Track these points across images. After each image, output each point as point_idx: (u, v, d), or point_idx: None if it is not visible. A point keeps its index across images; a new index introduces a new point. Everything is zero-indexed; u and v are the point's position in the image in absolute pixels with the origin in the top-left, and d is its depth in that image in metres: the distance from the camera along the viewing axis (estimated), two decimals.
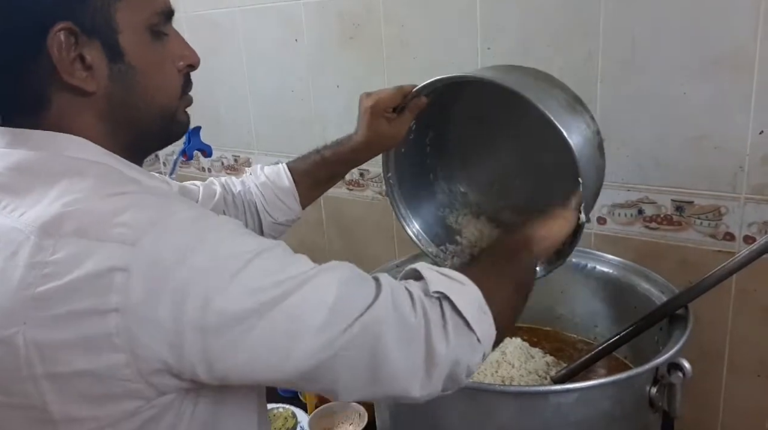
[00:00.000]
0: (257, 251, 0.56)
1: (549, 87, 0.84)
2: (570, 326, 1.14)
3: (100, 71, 0.60)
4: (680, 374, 0.77)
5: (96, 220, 0.54)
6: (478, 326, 0.61)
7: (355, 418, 1.22)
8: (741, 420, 1.11)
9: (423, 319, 0.59)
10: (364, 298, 0.58)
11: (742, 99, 0.98)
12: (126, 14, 0.60)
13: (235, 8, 1.58)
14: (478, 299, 0.62)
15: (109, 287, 0.51)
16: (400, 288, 0.61)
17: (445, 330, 0.60)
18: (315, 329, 0.55)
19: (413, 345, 0.59)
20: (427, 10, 1.27)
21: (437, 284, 0.62)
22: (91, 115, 0.62)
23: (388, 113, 0.90)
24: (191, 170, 1.87)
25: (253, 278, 0.54)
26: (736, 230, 1.03)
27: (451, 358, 0.60)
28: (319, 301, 0.56)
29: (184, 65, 0.68)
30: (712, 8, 0.97)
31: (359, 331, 0.56)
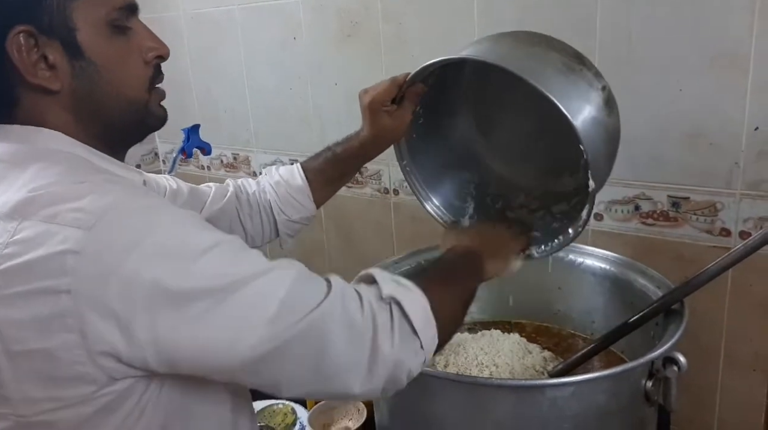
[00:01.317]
0: (213, 242, 0.57)
1: (544, 51, 0.80)
2: (567, 322, 1.14)
3: (62, 70, 0.62)
4: (675, 368, 0.77)
5: (57, 204, 0.56)
6: (423, 333, 0.64)
7: (354, 414, 1.22)
8: (737, 414, 1.12)
9: (371, 319, 0.62)
10: (314, 295, 0.60)
11: (737, 96, 0.98)
12: (83, 12, 0.62)
13: (233, 6, 1.58)
14: (425, 308, 0.65)
15: (61, 268, 0.53)
16: (350, 289, 0.64)
17: (392, 332, 0.62)
18: (264, 320, 0.56)
19: (358, 343, 0.61)
20: (424, 8, 1.28)
21: (389, 289, 0.64)
22: (60, 111, 0.64)
23: (387, 107, 0.90)
24: (190, 168, 1.88)
25: (207, 266, 0.56)
26: (732, 225, 1.04)
27: (394, 359, 0.62)
28: (271, 294, 0.57)
29: (152, 57, 0.69)
30: (708, 6, 0.98)
31: (307, 326, 0.58)
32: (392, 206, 1.47)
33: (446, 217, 1.02)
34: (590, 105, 0.77)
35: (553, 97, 0.72)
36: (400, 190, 1.44)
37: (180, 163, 1.76)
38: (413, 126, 0.94)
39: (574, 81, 0.78)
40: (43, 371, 0.56)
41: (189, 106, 1.78)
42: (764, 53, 0.95)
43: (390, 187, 1.46)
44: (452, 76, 0.94)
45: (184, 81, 1.77)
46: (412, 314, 0.63)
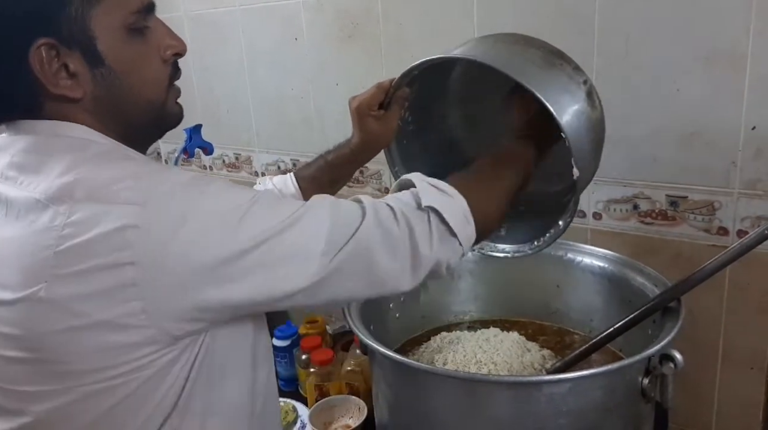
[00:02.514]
0: (252, 199, 0.63)
1: (523, 49, 0.83)
2: (566, 320, 1.15)
3: (83, 78, 0.64)
4: (672, 365, 0.78)
5: (107, 185, 0.59)
6: (462, 233, 0.71)
7: (354, 411, 1.23)
8: (735, 412, 1.13)
9: (407, 228, 0.68)
10: (352, 221, 0.66)
11: (734, 95, 0.99)
12: (101, 20, 0.63)
13: (235, 7, 1.59)
14: (463, 210, 0.72)
15: (122, 243, 0.57)
16: (382, 205, 0.70)
17: (430, 237, 0.69)
18: (316, 254, 0.63)
19: (399, 251, 0.68)
20: (424, 9, 1.28)
21: (428, 197, 0.70)
22: (83, 114, 0.66)
23: (374, 112, 0.92)
24: (193, 168, 1.89)
25: (254, 219, 0.61)
26: (730, 224, 1.05)
27: (434, 259, 0.70)
28: (316, 231, 0.64)
29: (170, 54, 0.70)
30: (704, 5, 0.98)
31: (353, 248, 0.65)
32: None
33: None
34: (571, 96, 0.79)
35: (532, 88, 0.73)
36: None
37: (182, 163, 1.77)
38: (403, 131, 0.96)
39: (554, 75, 0.80)
40: (107, 341, 0.59)
41: (191, 106, 1.79)
42: (761, 52, 0.96)
43: (390, 187, 1.46)
44: (438, 81, 0.95)
45: (186, 81, 1.75)
46: (450, 219, 0.70)
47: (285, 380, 1.38)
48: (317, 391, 1.26)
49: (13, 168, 0.64)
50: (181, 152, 1.43)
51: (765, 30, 0.94)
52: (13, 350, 0.60)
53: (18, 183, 0.62)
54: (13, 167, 0.64)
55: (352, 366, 1.25)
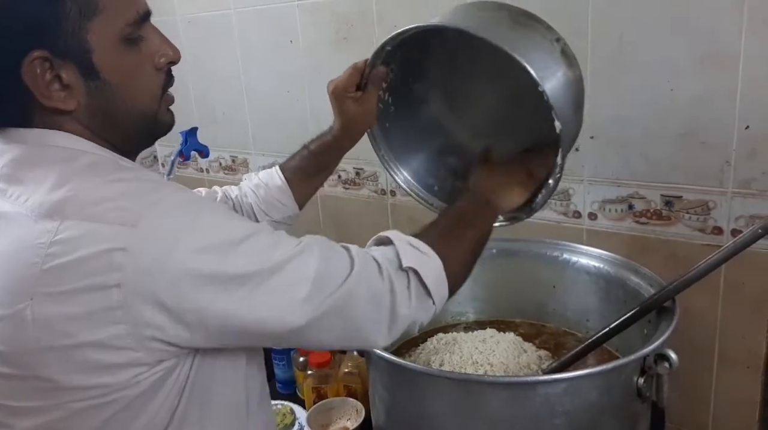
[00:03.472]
0: (249, 232, 0.62)
1: (493, 12, 0.83)
2: (562, 321, 1.15)
3: (77, 90, 0.63)
4: (667, 365, 0.78)
5: (95, 204, 0.58)
6: (437, 294, 0.72)
7: (352, 413, 1.23)
8: (732, 411, 1.13)
9: (389, 286, 0.69)
10: (340, 271, 0.66)
11: (728, 95, 0.99)
12: (98, 33, 0.62)
13: (230, 10, 1.60)
14: (439, 271, 0.73)
15: (110, 265, 0.56)
16: (370, 260, 0.69)
17: (409, 297, 0.70)
18: (300, 299, 0.63)
19: (379, 308, 0.68)
20: (418, 11, 1.29)
21: (408, 257, 0.71)
22: (75, 124, 0.65)
23: (352, 93, 0.91)
24: (189, 171, 1.89)
25: (245, 255, 0.61)
26: (724, 223, 1.05)
27: (410, 318, 0.71)
28: (303, 275, 0.64)
29: (164, 63, 0.69)
30: (697, 5, 0.99)
31: (336, 300, 0.65)
32: (389, 208, 1.48)
33: (437, 203, 1.02)
34: (545, 53, 0.79)
35: (505, 46, 0.73)
36: (397, 191, 1.45)
37: (179, 167, 1.78)
38: (385, 114, 0.95)
39: (526, 34, 0.80)
40: (94, 361, 0.58)
41: (187, 109, 1.79)
42: (754, 52, 0.96)
43: (387, 189, 1.47)
44: (416, 61, 0.94)
45: (181, 85, 1.77)
46: (428, 280, 0.71)
47: (283, 383, 1.38)
48: (315, 393, 1.26)
49: (2, 180, 0.63)
50: (177, 155, 1.43)
51: (757, 30, 0.95)
52: (0, 366, 0.60)
53: (7, 196, 0.61)
54: (2, 179, 0.62)
55: (349, 368, 1.25)
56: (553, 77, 0.77)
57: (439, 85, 1.02)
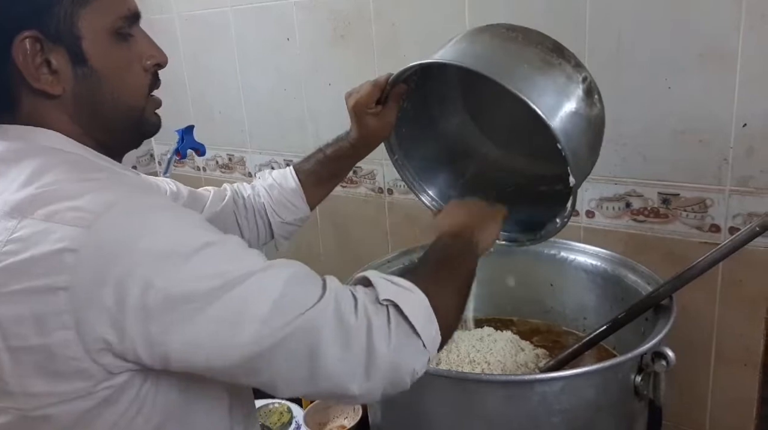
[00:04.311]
0: (208, 241, 0.58)
1: (520, 48, 0.79)
2: (559, 319, 1.15)
3: (65, 75, 0.63)
4: (664, 363, 0.78)
5: (56, 203, 0.57)
6: (425, 332, 0.63)
7: (349, 412, 1.23)
8: (729, 409, 1.13)
9: (365, 322, 0.61)
10: (308, 296, 0.60)
11: (725, 92, 0.99)
12: (89, 21, 0.63)
13: (227, 8, 1.59)
14: (425, 307, 0.65)
15: (59, 266, 0.54)
16: (345, 292, 0.63)
17: (389, 334, 0.62)
18: (257, 320, 0.57)
19: (353, 346, 0.60)
20: (416, 9, 1.28)
21: (387, 292, 0.64)
22: (60, 115, 0.65)
23: (372, 109, 0.91)
24: (186, 169, 1.89)
25: (200, 266, 0.57)
26: (722, 221, 1.05)
27: (391, 360, 0.62)
28: (264, 294, 0.58)
29: (151, 65, 0.70)
30: (695, 4, 0.98)
31: (299, 327, 0.58)
32: (387, 205, 1.48)
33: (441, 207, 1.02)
34: (569, 99, 0.77)
35: (526, 98, 0.72)
36: (394, 189, 1.45)
37: (175, 165, 1.77)
38: (403, 120, 0.95)
39: (552, 76, 0.77)
40: (43, 366, 0.57)
41: (183, 107, 1.79)
42: (752, 50, 0.96)
43: (384, 187, 1.46)
44: (436, 72, 0.94)
45: (178, 82, 1.77)
46: (412, 315, 0.63)
47: None
48: None
49: None
50: (174, 153, 1.43)
51: (755, 27, 0.95)
52: None
53: None
54: None
55: None
56: (573, 128, 0.76)
57: (459, 91, 1.01)
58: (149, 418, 0.62)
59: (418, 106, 0.97)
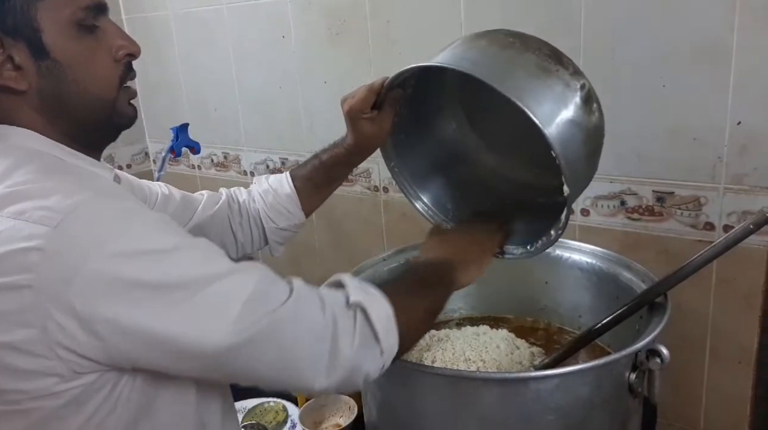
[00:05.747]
0: (176, 244, 0.59)
1: (518, 53, 0.79)
2: (554, 317, 1.15)
3: (28, 70, 0.63)
4: (658, 360, 0.78)
5: (25, 201, 0.57)
6: (385, 340, 0.66)
7: (345, 411, 1.23)
8: (723, 407, 1.13)
9: (332, 322, 0.64)
10: (276, 297, 0.62)
11: (719, 90, 0.99)
12: (48, 13, 0.63)
13: (222, 5, 1.59)
14: (389, 315, 0.67)
15: (25, 264, 0.54)
16: (312, 293, 0.65)
17: (353, 336, 0.64)
18: (227, 320, 0.58)
19: (319, 344, 0.63)
20: (411, 6, 1.28)
21: (357, 296, 0.66)
22: (28, 111, 0.65)
23: (367, 114, 0.90)
24: (181, 168, 1.88)
25: (169, 268, 0.57)
26: (716, 219, 1.05)
27: (352, 361, 0.64)
28: (234, 295, 0.59)
29: (123, 55, 0.69)
30: (689, 1, 0.99)
31: (267, 327, 0.60)
32: (382, 204, 1.48)
33: (436, 215, 1.02)
34: (566, 108, 0.76)
35: (522, 104, 0.71)
36: (389, 187, 1.45)
37: (170, 163, 1.77)
38: (399, 125, 0.95)
39: (549, 84, 0.76)
40: (8, 363, 0.57)
41: (178, 105, 1.78)
42: (745, 48, 0.96)
43: (380, 185, 1.46)
44: (433, 77, 0.94)
45: (173, 80, 1.77)
46: (376, 321, 0.65)
47: None
48: None
49: None
50: (168, 152, 1.43)
51: (749, 26, 0.95)
52: None
53: None
54: None
55: None
56: (570, 137, 0.75)
57: (455, 99, 1.01)
58: (121, 416, 0.62)
59: (414, 112, 0.96)
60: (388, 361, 0.68)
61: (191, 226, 0.96)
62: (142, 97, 1.87)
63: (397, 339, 0.67)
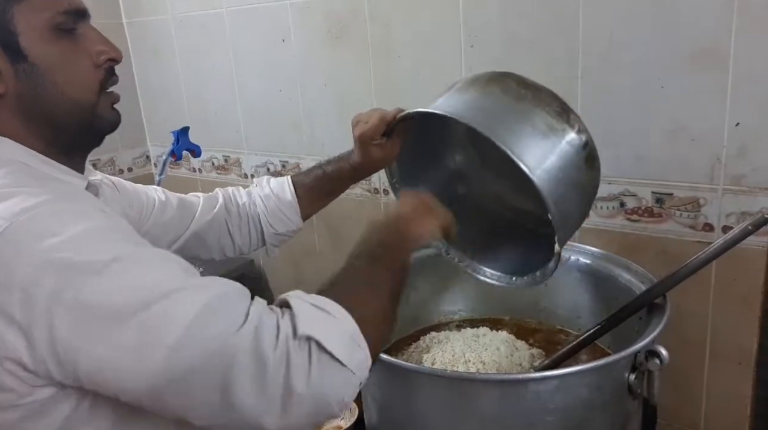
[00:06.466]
0: (127, 254, 0.56)
1: (529, 108, 0.79)
2: (554, 318, 1.15)
3: (5, 73, 0.63)
4: (657, 361, 0.78)
5: None
6: (351, 361, 0.59)
7: (345, 412, 1.23)
8: (723, 407, 1.13)
9: (284, 357, 0.56)
10: (225, 324, 0.55)
11: (718, 92, 1.00)
12: (25, 17, 0.63)
13: (222, 9, 1.59)
14: (351, 333, 0.60)
15: None
16: (270, 320, 0.58)
17: (309, 371, 0.57)
18: (166, 346, 0.53)
19: (269, 381, 0.56)
20: (411, 10, 1.29)
21: (305, 323, 0.58)
22: (5, 115, 0.65)
23: (377, 141, 0.92)
24: (182, 171, 1.88)
25: (114, 280, 0.54)
26: (715, 220, 1.05)
27: (313, 396, 0.57)
28: (177, 318, 0.54)
29: (104, 60, 0.69)
30: (687, 3, 0.99)
31: (210, 357, 0.54)
32: (382, 206, 1.48)
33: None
34: (567, 168, 0.78)
35: (524, 166, 0.73)
36: (389, 190, 1.45)
37: (171, 166, 1.77)
38: (406, 149, 0.96)
39: (553, 143, 0.78)
40: None
41: (179, 108, 1.79)
42: (743, 49, 0.96)
43: (380, 188, 1.47)
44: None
45: (173, 84, 1.77)
46: (335, 349, 0.58)
47: None
48: None
49: None
50: (169, 155, 1.43)
51: (746, 28, 0.95)
52: None
53: None
54: None
55: None
56: (568, 197, 0.78)
57: (464, 135, 1.02)
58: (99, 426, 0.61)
59: (420, 137, 0.98)
60: (365, 376, 0.62)
61: (190, 232, 0.97)
62: (143, 100, 1.88)
63: (368, 353, 0.61)
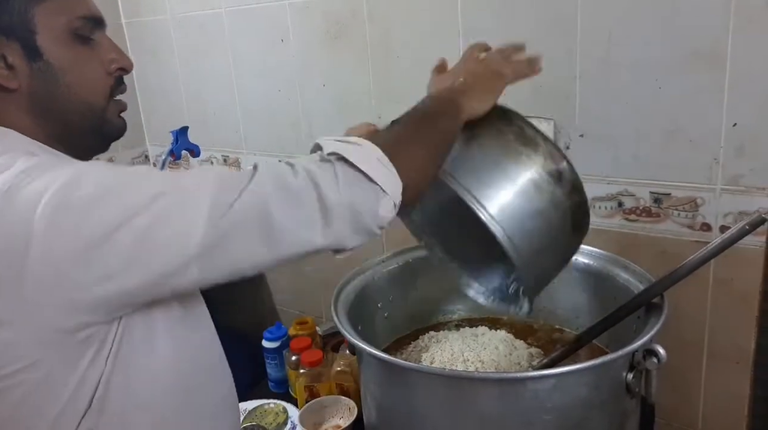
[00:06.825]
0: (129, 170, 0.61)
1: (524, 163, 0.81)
2: (552, 318, 1.16)
3: (20, 70, 0.65)
4: (655, 360, 0.79)
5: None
6: (379, 176, 0.63)
7: (345, 412, 1.23)
8: (721, 406, 1.14)
9: (308, 179, 0.62)
10: (240, 180, 0.61)
11: (715, 92, 1.00)
12: (44, 17, 0.65)
13: (221, 9, 1.59)
14: (375, 154, 0.65)
15: None
16: (279, 164, 0.64)
17: (336, 181, 0.62)
18: (203, 215, 0.58)
19: (303, 202, 0.61)
20: (410, 10, 1.29)
21: (330, 147, 0.65)
22: (17, 111, 0.66)
23: None
24: (181, 171, 1.89)
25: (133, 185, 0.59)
26: (713, 220, 1.06)
27: (347, 203, 0.62)
28: (200, 191, 0.59)
29: (115, 68, 0.71)
30: (684, 4, 0.99)
31: (243, 204, 0.59)
32: None
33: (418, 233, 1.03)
34: (549, 234, 0.82)
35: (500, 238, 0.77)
36: None
37: (170, 166, 1.77)
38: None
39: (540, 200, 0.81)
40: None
41: (178, 108, 1.79)
42: (741, 50, 0.97)
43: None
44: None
45: (172, 84, 1.77)
46: (359, 161, 0.63)
47: (275, 382, 1.38)
48: (307, 392, 1.26)
49: None
50: (168, 155, 1.43)
51: (744, 28, 0.96)
52: None
53: None
54: None
55: (342, 367, 1.25)
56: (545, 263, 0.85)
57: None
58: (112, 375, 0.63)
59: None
60: (397, 197, 0.65)
61: None
62: (142, 100, 1.88)
63: (397, 175, 0.65)
